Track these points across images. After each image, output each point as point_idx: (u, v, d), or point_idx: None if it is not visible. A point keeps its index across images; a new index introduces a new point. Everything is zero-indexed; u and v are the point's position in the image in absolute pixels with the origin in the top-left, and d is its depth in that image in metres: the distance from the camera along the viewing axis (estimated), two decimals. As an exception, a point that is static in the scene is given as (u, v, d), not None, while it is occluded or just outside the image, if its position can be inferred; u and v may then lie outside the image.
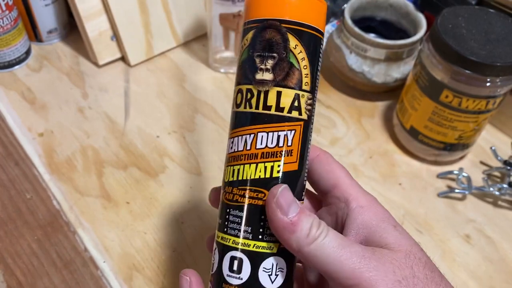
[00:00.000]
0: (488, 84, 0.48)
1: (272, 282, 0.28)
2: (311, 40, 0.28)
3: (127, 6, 0.61)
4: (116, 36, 0.63)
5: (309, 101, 0.28)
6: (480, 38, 0.48)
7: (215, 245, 0.29)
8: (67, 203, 0.51)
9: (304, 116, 0.28)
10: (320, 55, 0.29)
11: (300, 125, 0.28)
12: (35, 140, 0.56)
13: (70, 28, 0.69)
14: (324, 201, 0.32)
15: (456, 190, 0.55)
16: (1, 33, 0.60)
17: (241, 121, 0.28)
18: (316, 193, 0.33)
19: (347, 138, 0.60)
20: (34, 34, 0.66)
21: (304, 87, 0.28)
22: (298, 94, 0.28)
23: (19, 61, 0.64)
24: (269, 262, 0.28)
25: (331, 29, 0.75)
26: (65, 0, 0.65)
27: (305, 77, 0.28)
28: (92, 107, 0.61)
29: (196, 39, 0.70)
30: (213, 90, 0.64)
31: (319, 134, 0.60)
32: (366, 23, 0.65)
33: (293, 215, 0.26)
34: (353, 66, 0.60)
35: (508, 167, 0.55)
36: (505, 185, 0.54)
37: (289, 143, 0.28)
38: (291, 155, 0.28)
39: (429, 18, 0.61)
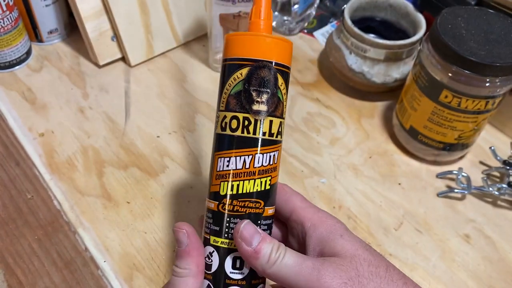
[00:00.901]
0: (487, 84, 0.48)
1: None
2: (288, 77, 0.34)
3: (127, 6, 0.61)
4: (116, 37, 0.64)
5: (284, 126, 0.35)
6: (479, 38, 0.48)
7: (211, 248, 0.33)
8: (67, 203, 0.51)
9: (282, 138, 0.35)
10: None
11: (281, 145, 0.35)
12: (36, 140, 0.57)
13: (71, 29, 0.69)
14: (288, 226, 0.37)
15: (456, 190, 0.55)
16: (2, 33, 0.60)
17: (239, 144, 0.33)
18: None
19: (347, 138, 0.60)
20: (35, 34, 0.67)
21: (284, 116, 0.34)
22: (281, 122, 0.34)
23: (19, 61, 0.64)
24: None
25: (330, 29, 0.75)
26: (65, 1, 0.65)
27: (285, 107, 0.34)
28: (93, 107, 0.61)
29: (196, 40, 0.70)
30: (213, 90, 0.64)
31: (319, 134, 0.60)
32: (365, 23, 0.65)
33: (256, 244, 0.31)
34: (352, 66, 0.60)
35: (508, 167, 0.55)
36: (504, 185, 0.54)
37: (276, 161, 0.34)
38: (276, 170, 0.34)
39: (428, 19, 0.61)
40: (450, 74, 0.49)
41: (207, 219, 0.34)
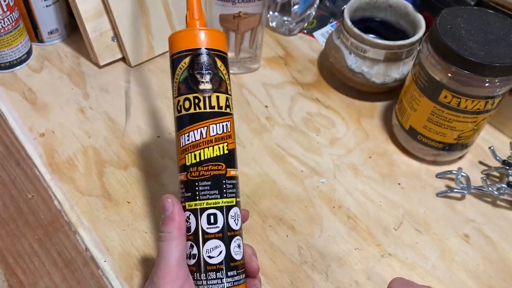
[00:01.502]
0: (487, 84, 0.48)
1: (236, 224, 0.39)
2: (226, 61, 0.41)
3: (127, 7, 0.62)
4: (116, 37, 0.64)
5: (231, 101, 0.41)
6: (479, 39, 0.49)
7: (188, 213, 0.38)
8: (68, 202, 0.51)
9: (232, 111, 0.40)
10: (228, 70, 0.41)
11: (232, 117, 0.40)
12: (36, 140, 0.57)
13: (71, 29, 0.69)
14: None
15: (455, 190, 0.55)
16: (2, 33, 0.60)
17: (194, 119, 0.38)
18: None
19: (347, 138, 0.60)
20: (35, 34, 0.67)
21: (229, 92, 0.40)
22: (227, 97, 0.40)
23: (20, 61, 0.64)
24: (233, 211, 0.39)
25: (330, 29, 0.75)
26: (66, 1, 0.65)
27: (228, 85, 0.40)
28: (93, 107, 0.61)
29: (197, 40, 0.70)
30: (213, 90, 0.64)
31: (319, 134, 0.60)
32: (365, 23, 0.65)
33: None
34: (352, 66, 0.61)
35: (507, 167, 0.55)
36: (503, 185, 0.54)
37: (229, 130, 0.39)
38: (231, 138, 0.39)
39: (428, 19, 0.61)
40: (449, 74, 0.49)
41: (180, 191, 0.39)
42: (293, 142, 0.59)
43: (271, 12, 0.73)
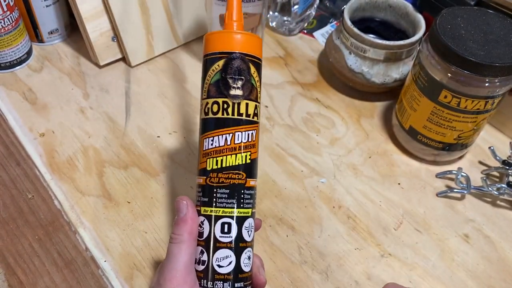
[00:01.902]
0: (486, 84, 0.48)
1: (249, 236, 0.38)
2: (260, 68, 0.40)
3: (128, 7, 0.62)
4: (117, 37, 0.64)
5: (260, 109, 0.40)
6: (478, 39, 0.49)
7: (202, 218, 0.38)
8: (68, 202, 0.51)
9: (259, 119, 0.40)
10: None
11: (258, 126, 0.39)
12: (36, 140, 0.57)
13: (71, 29, 0.69)
14: None
15: (455, 190, 0.55)
16: (2, 33, 0.60)
17: (220, 124, 0.38)
18: None
19: (347, 138, 0.60)
20: (35, 34, 0.67)
21: (259, 100, 0.39)
22: (256, 105, 0.39)
23: (20, 61, 0.64)
24: (247, 222, 0.38)
25: (330, 29, 0.75)
26: (66, 1, 0.65)
27: (259, 93, 0.39)
28: (93, 107, 0.61)
29: (197, 40, 0.70)
30: (213, 90, 0.64)
31: (319, 134, 0.60)
32: (365, 23, 0.65)
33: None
34: (352, 66, 0.61)
35: (507, 167, 0.55)
36: (503, 185, 0.54)
37: (254, 139, 0.39)
38: (255, 147, 0.39)
39: (428, 19, 0.61)
40: (449, 74, 0.49)
41: (197, 194, 0.39)
42: (293, 142, 0.59)
43: (271, 12, 0.73)
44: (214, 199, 0.38)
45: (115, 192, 0.53)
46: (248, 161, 0.38)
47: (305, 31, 0.75)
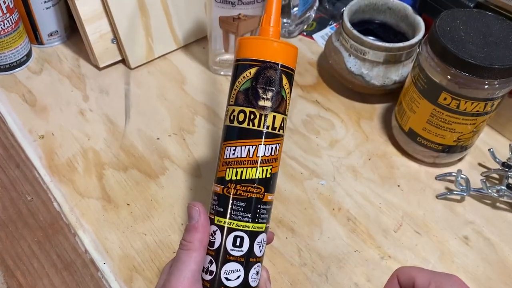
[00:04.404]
0: (486, 86, 0.48)
1: (260, 251, 0.37)
2: (292, 79, 0.38)
3: (127, 9, 0.62)
4: (116, 39, 0.64)
5: (286, 122, 0.38)
6: (478, 41, 0.49)
7: (215, 227, 0.36)
8: (67, 205, 0.51)
9: (284, 133, 0.38)
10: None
11: (283, 139, 0.38)
12: (36, 142, 0.57)
13: (71, 31, 0.69)
14: None
15: (455, 192, 0.55)
16: (2, 35, 0.60)
17: (244, 134, 0.36)
18: None
19: (346, 140, 0.60)
20: (35, 36, 0.67)
21: (286, 113, 0.38)
22: (284, 118, 0.37)
23: (20, 63, 0.64)
24: (260, 237, 0.37)
25: (330, 32, 0.75)
26: (66, 3, 0.65)
27: (288, 105, 0.38)
28: (93, 109, 0.61)
29: (196, 42, 0.70)
30: (213, 92, 0.64)
31: (319, 136, 0.60)
32: (365, 26, 0.65)
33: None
34: (352, 68, 0.61)
35: (506, 169, 0.55)
36: (503, 187, 0.54)
37: (277, 153, 0.37)
38: (276, 161, 0.37)
39: (427, 21, 0.61)
40: (449, 77, 0.49)
41: (212, 201, 0.38)
42: (292, 144, 0.59)
43: (270, 14, 0.73)
44: (230, 211, 0.36)
45: (115, 194, 0.53)
46: (269, 175, 0.37)
47: (305, 33, 0.75)
